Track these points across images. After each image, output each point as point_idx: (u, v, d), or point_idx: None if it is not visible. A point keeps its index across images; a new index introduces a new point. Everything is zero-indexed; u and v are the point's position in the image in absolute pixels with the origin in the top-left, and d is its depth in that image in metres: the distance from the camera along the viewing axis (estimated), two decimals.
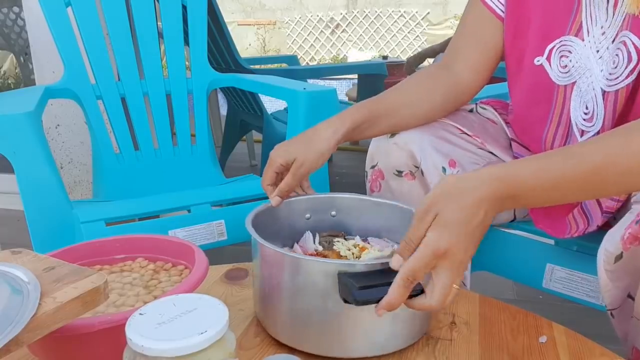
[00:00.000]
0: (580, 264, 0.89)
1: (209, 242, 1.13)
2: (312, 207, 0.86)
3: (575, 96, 0.80)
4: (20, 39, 2.37)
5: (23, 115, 1.01)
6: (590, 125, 0.79)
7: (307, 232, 0.85)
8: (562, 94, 0.81)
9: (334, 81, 4.94)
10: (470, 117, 0.95)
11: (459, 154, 0.88)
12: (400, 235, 0.81)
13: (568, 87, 0.80)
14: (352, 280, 0.60)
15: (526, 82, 0.86)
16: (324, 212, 0.87)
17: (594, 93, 0.77)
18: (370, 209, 0.85)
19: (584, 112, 0.79)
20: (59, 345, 0.60)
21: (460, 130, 0.90)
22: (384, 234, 0.85)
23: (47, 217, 1.04)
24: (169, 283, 0.72)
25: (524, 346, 0.70)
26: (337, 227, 0.87)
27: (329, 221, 0.87)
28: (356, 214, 0.86)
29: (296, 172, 0.80)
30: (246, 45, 7.93)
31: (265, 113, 2.26)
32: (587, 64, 0.77)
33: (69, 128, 2.08)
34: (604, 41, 0.76)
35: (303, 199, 0.85)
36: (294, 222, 0.85)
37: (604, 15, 0.75)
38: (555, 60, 0.81)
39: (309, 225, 0.86)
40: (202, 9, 1.53)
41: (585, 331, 0.74)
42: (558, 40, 0.80)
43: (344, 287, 0.61)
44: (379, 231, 0.85)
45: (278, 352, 0.69)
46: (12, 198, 2.18)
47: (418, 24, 7.41)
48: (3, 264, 0.57)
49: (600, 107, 0.77)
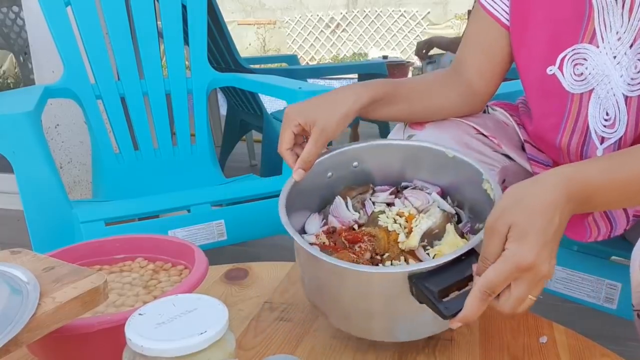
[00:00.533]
0: (580, 264, 0.89)
1: (209, 242, 1.13)
2: (333, 163, 0.80)
3: (593, 103, 0.79)
4: (20, 38, 2.37)
5: (22, 115, 1.01)
6: (612, 131, 0.78)
7: (337, 198, 0.79)
8: (577, 102, 0.80)
9: (334, 81, 4.94)
10: (485, 116, 0.94)
11: (476, 157, 0.87)
12: (431, 175, 0.80)
13: (585, 95, 0.79)
14: (428, 285, 0.57)
15: (538, 90, 0.85)
16: (345, 166, 0.81)
17: (615, 99, 0.76)
18: (394, 153, 0.81)
19: (604, 118, 0.78)
20: (59, 346, 0.60)
21: (476, 130, 0.89)
22: (411, 176, 0.81)
23: (46, 217, 1.04)
24: (169, 283, 0.72)
25: (524, 346, 0.70)
26: (361, 179, 0.82)
27: (351, 174, 0.81)
28: (379, 160, 0.81)
29: (318, 138, 0.74)
30: (246, 45, 7.92)
31: (265, 113, 2.26)
32: (605, 71, 0.76)
33: (69, 128, 2.08)
34: (620, 47, 0.75)
35: (323, 159, 0.79)
36: (316, 183, 0.79)
37: (619, 21, 0.74)
38: (569, 69, 0.80)
39: (332, 184, 0.80)
40: (202, 9, 1.53)
41: (586, 331, 0.74)
42: (570, 49, 0.79)
43: (420, 294, 0.58)
44: (404, 174, 0.81)
45: (278, 352, 0.69)
46: (11, 198, 2.18)
47: (418, 23, 7.41)
48: (2, 263, 0.57)
49: (623, 113, 0.76)
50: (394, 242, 0.71)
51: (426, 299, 0.58)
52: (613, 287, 0.87)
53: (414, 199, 0.78)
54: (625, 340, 1.26)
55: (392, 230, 0.72)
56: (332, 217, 0.78)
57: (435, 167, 0.79)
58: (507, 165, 0.90)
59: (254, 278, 0.90)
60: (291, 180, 0.74)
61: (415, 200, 0.77)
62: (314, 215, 0.79)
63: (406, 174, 0.81)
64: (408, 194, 0.79)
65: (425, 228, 0.70)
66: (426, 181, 0.80)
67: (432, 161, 0.78)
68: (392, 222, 0.73)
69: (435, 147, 0.77)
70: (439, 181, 0.80)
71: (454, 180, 0.77)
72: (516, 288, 0.55)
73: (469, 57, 0.92)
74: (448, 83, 0.91)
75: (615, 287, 0.86)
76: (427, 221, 0.71)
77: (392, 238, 0.72)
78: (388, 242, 0.72)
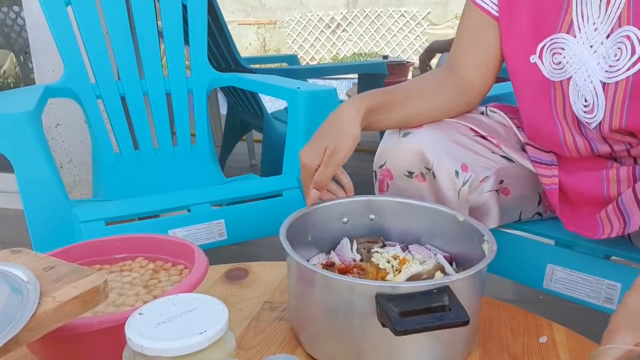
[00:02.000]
0: (580, 264, 0.89)
1: (209, 241, 1.13)
2: (350, 210, 0.82)
3: (572, 90, 0.82)
4: (20, 38, 2.37)
5: (23, 114, 1.01)
6: (592, 116, 0.80)
7: (344, 239, 0.81)
8: (559, 89, 0.83)
9: (334, 81, 4.94)
10: (482, 118, 0.95)
11: (472, 157, 0.87)
12: (442, 241, 0.81)
13: (564, 82, 0.83)
14: (391, 305, 0.56)
15: (525, 80, 0.88)
16: (361, 216, 0.83)
17: (592, 86, 0.79)
18: (411, 212, 0.82)
19: (584, 104, 0.81)
20: (59, 345, 0.60)
21: (473, 131, 0.90)
22: (425, 239, 0.82)
23: (46, 217, 1.04)
24: (169, 283, 0.72)
25: (524, 346, 0.70)
26: (375, 231, 0.83)
27: (367, 225, 0.83)
28: (396, 217, 0.82)
29: (328, 160, 0.77)
30: (246, 45, 7.92)
31: (265, 113, 2.26)
32: (582, 59, 0.80)
33: (69, 127, 2.08)
34: (597, 37, 0.78)
35: (340, 202, 0.81)
36: (330, 226, 0.81)
37: (596, 12, 0.78)
38: (548, 58, 0.83)
39: (347, 230, 0.82)
40: (202, 8, 1.53)
41: (586, 331, 0.74)
42: (549, 39, 0.83)
43: (382, 312, 0.57)
44: (419, 236, 0.82)
45: (277, 352, 0.69)
46: (11, 197, 2.18)
47: (418, 23, 7.41)
48: (3, 263, 0.57)
49: (601, 99, 0.79)
50: (381, 279, 0.72)
51: (385, 317, 0.56)
52: (613, 287, 0.87)
53: (416, 252, 0.79)
54: None
55: (382, 269, 0.74)
56: (334, 253, 0.80)
57: (447, 231, 0.79)
58: (505, 167, 0.91)
59: (254, 278, 0.90)
60: (305, 209, 0.77)
61: (416, 253, 0.79)
62: (321, 254, 0.81)
63: (421, 238, 0.82)
64: (413, 249, 0.80)
65: (415, 272, 0.71)
66: (438, 247, 0.81)
67: (444, 224, 0.78)
68: (385, 262, 0.75)
69: (449, 211, 0.79)
70: (451, 250, 0.80)
71: (462, 248, 0.77)
72: None
73: (462, 52, 0.94)
74: (443, 82, 0.92)
75: (615, 287, 0.86)
76: (419, 267, 0.72)
77: (380, 275, 0.73)
78: (376, 278, 0.72)
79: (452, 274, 0.73)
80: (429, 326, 0.55)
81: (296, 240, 0.69)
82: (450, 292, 0.58)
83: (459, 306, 0.57)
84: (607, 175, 0.85)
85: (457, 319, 0.56)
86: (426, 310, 0.56)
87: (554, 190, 0.87)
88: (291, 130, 1.29)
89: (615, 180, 0.85)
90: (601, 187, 0.85)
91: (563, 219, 0.87)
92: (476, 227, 0.73)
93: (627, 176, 0.84)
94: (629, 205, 0.79)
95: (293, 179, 1.24)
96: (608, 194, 0.85)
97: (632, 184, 0.83)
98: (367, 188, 0.96)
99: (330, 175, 0.78)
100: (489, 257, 0.66)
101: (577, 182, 0.87)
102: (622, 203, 0.80)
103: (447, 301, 0.58)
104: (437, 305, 0.58)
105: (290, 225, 0.73)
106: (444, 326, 0.56)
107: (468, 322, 0.56)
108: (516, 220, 0.97)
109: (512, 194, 0.92)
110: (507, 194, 0.92)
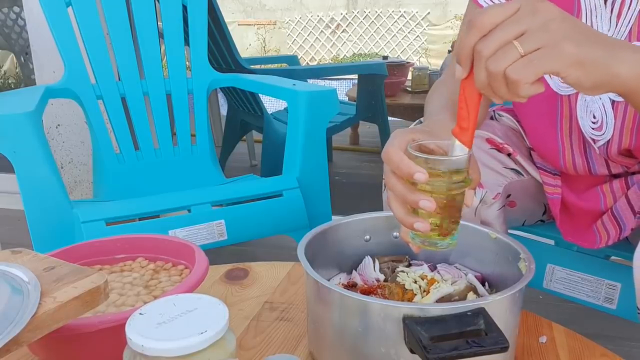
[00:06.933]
0: (580, 264, 0.89)
1: (209, 242, 1.13)
2: (372, 227, 0.77)
3: (580, 105, 0.79)
4: (21, 38, 2.37)
5: (23, 115, 1.01)
6: (600, 133, 0.78)
7: (366, 257, 0.76)
8: (566, 103, 0.81)
9: (334, 81, 4.94)
10: (493, 123, 0.94)
11: (485, 174, 0.85)
12: (473, 260, 0.75)
13: (572, 97, 0.80)
14: (420, 329, 0.52)
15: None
16: (384, 233, 0.78)
17: (601, 102, 0.77)
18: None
19: (592, 121, 0.79)
20: (59, 345, 0.60)
21: (489, 142, 0.88)
22: (454, 259, 0.77)
23: (47, 217, 1.04)
24: (169, 283, 0.72)
25: (524, 346, 0.70)
26: (400, 249, 0.77)
27: (391, 243, 0.78)
28: None
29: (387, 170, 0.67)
30: (246, 45, 7.93)
31: (265, 113, 2.26)
32: None
33: (69, 128, 2.08)
34: None
35: (361, 219, 0.77)
36: (351, 244, 0.77)
37: (606, 24, 0.74)
38: None
39: (369, 248, 0.77)
40: (203, 9, 1.53)
41: (585, 331, 0.74)
42: None
43: (411, 336, 0.52)
44: (447, 254, 0.77)
45: (277, 352, 0.69)
46: (12, 198, 2.18)
47: (418, 24, 7.41)
48: (3, 263, 0.57)
49: (610, 117, 0.76)
50: (408, 301, 0.66)
51: (414, 342, 0.52)
52: (613, 287, 0.87)
53: (445, 272, 0.74)
54: (625, 340, 1.26)
55: (409, 289, 0.68)
56: (356, 273, 0.76)
57: (478, 250, 0.74)
58: (514, 182, 0.89)
59: (254, 278, 0.90)
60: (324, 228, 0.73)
61: (445, 273, 0.74)
62: (342, 274, 0.77)
63: (449, 257, 0.77)
64: (441, 268, 0.76)
65: (445, 293, 0.66)
66: (468, 266, 0.76)
67: (475, 243, 0.74)
68: (412, 282, 0.69)
69: (481, 228, 0.74)
70: (482, 269, 0.75)
71: (495, 267, 0.73)
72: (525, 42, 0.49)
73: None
74: (445, 91, 0.90)
75: (615, 287, 0.87)
76: (449, 287, 0.67)
77: (407, 297, 0.67)
78: (402, 300, 0.67)
79: (485, 295, 0.68)
80: (464, 353, 0.50)
81: (315, 258, 0.65)
82: (486, 315, 0.54)
83: (497, 330, 0.52)
84: (602, 190, 0.85)
85: (495, 345, 0.51)
86: (458, 335, 0.52)
87: (556, 200, 0.86)
88: (291, 131, 1.29)
89: (610, 192, 0.85)
90: (599, 201, 0.85)
91: (562, 229, 0.87)
92: (511, 245, 0.69)
93: (620, 186, 0.84)
94: (623, 212, 0.80)
95: (293, 179, 1.24)
96: (605, 206, 0.85)
97: (625, 191, 0.83)
98: (367, 188, 0.96)
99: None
100: (527, 276, 0.61)
101: (577, 196, 0.87)
102: (617, 210, 0.81)
103: (482, 325, 0.53)
104: (471, 329, 0.53)
105: (308, 243, 0.68)
106: (482, 352, 0.50)
107: (507, 348, 0.51)
108: (521, 224, 0.97)
109: (517, 205, 0.92)
110: (513, 206, 0.91)
